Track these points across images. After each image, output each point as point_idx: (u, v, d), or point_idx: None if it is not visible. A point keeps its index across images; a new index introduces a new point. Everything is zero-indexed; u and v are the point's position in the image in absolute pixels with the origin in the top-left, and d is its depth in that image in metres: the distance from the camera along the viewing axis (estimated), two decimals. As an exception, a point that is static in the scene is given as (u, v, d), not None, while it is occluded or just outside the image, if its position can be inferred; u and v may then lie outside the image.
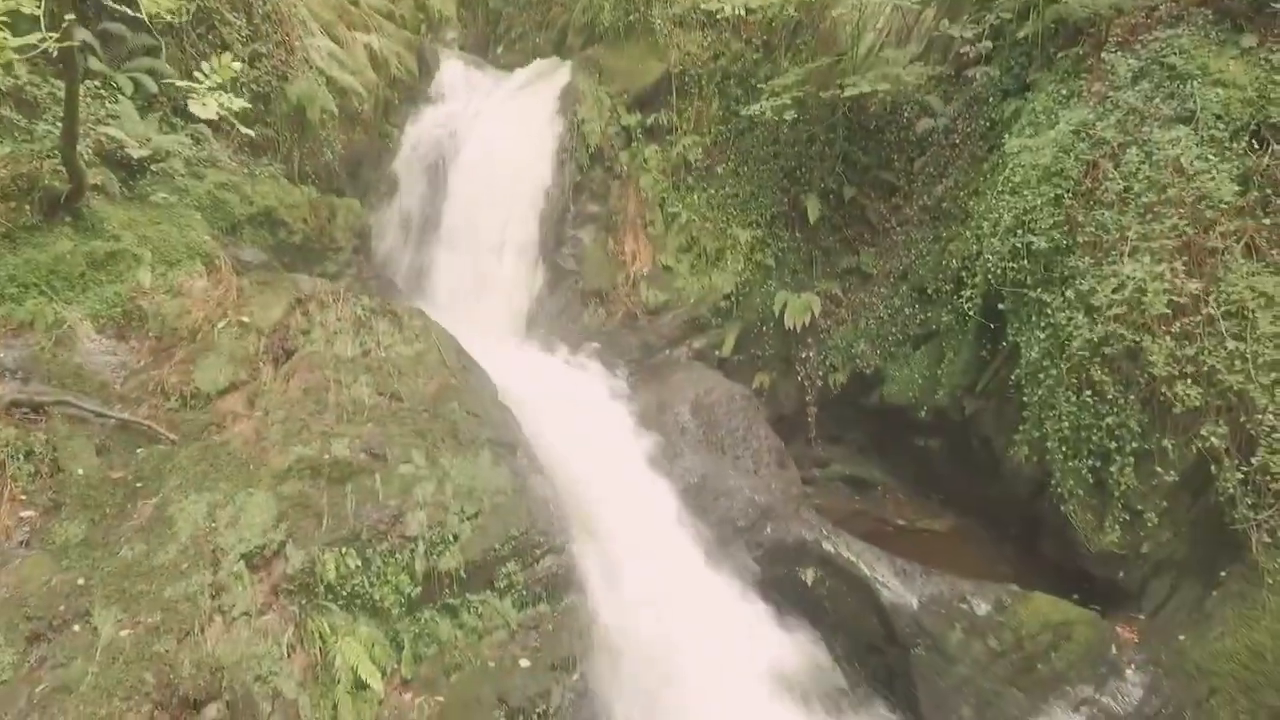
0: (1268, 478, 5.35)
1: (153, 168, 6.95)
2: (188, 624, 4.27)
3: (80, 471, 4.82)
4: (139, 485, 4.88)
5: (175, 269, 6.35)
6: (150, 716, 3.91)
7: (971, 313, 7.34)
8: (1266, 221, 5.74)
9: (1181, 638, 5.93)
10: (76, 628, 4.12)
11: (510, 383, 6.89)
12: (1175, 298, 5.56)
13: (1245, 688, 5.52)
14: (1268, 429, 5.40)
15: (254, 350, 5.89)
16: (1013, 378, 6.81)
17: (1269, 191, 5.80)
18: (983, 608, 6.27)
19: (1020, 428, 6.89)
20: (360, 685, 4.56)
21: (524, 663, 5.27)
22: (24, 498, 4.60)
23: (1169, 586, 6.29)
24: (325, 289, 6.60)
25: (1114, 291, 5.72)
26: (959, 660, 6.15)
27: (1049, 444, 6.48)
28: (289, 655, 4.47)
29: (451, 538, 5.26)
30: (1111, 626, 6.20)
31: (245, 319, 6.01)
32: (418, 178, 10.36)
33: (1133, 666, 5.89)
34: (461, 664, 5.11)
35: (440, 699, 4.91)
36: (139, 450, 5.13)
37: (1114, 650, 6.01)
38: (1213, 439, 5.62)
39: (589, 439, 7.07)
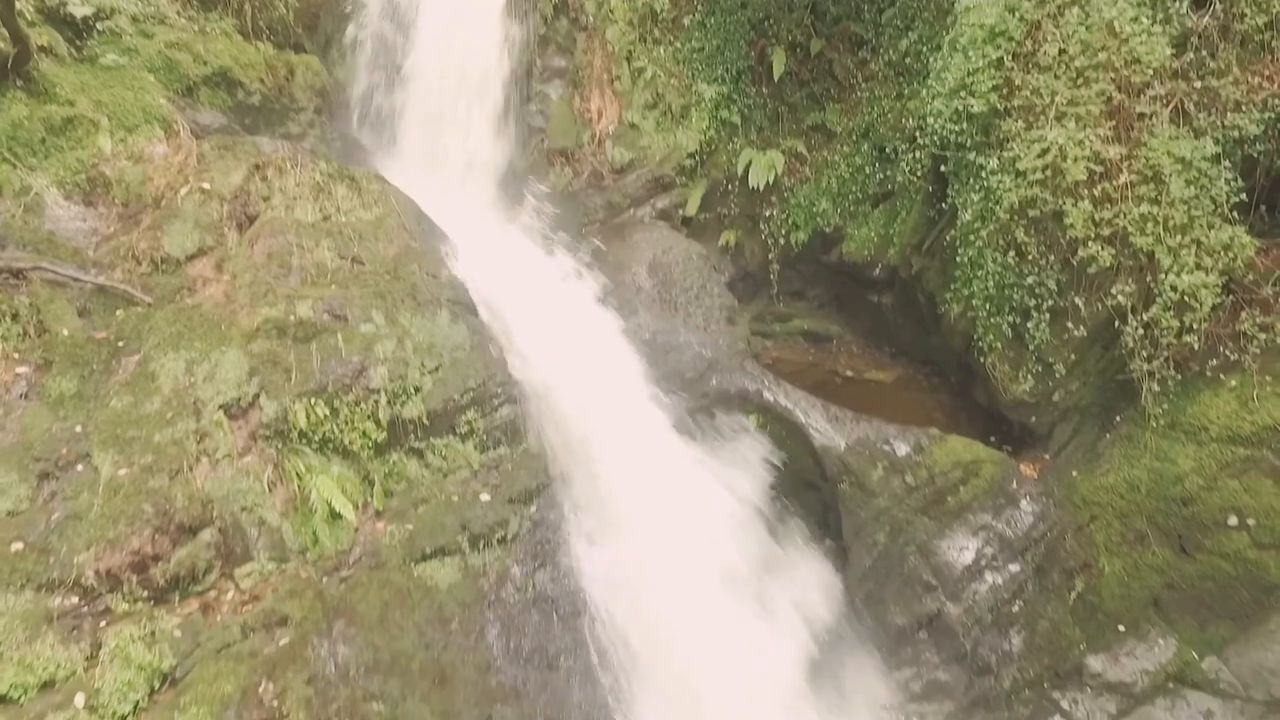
0: (1159, 331, 5.82)
1: (99, 26, 6.88)
2: (177, 464, 4.87)
3: (65, 332, 5.27)
4: (120, 344, 5.35)
5: (134, 134, 6.49)
6: (152, 539, 4.58)
7: (916, 174, 7.53)
8: (1198, 85, 5.84)
9: (1074, 474, 6.65)
10: (79, 468, 4.72)
11: (470, 243, 7.21)
12: (1092, 165, 5.75)
13: (1120, 514, 6.29)
14: (1168, 287, 5.79)
15: (218, 216, 6.17)
16: (948, 238, 7.12)
17: (1205, 53, 5.86)
18: (902, 449, 6.94)
19: (952, 286, 7.29)
20: (335, 515, 5.24)
21: (484, 497, 5.96)
22: (16, 355, 5.07)
23: (1072, 430, 6.95)
24: (284, 153, 6.75)
25: (1039, 156, 5.92)
26: (878, 494, 6.89)
27: (975, 301, 6.91)
28: (270, 490, 5.12)
29: (413, 389, 5.79)
30: (1016, 465, 6.90)
31: (206, 185, 6.24)
32: (381, 29, 10.07)
33: (1027, 498, 6.63)
34: (428, 498, 5.78)
35: (410, 527, 5.62)
36: (118, 312, 5.56)
37: (1014, 485, 6.73)
38: (1120, 297, 6.02)
39: (550, 300, 7.49)
